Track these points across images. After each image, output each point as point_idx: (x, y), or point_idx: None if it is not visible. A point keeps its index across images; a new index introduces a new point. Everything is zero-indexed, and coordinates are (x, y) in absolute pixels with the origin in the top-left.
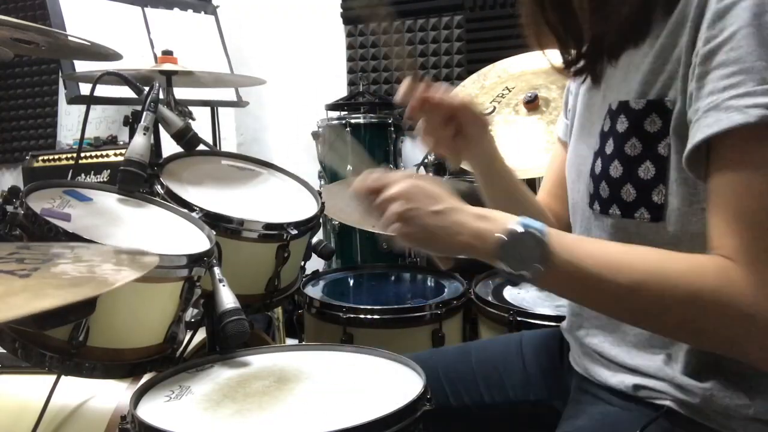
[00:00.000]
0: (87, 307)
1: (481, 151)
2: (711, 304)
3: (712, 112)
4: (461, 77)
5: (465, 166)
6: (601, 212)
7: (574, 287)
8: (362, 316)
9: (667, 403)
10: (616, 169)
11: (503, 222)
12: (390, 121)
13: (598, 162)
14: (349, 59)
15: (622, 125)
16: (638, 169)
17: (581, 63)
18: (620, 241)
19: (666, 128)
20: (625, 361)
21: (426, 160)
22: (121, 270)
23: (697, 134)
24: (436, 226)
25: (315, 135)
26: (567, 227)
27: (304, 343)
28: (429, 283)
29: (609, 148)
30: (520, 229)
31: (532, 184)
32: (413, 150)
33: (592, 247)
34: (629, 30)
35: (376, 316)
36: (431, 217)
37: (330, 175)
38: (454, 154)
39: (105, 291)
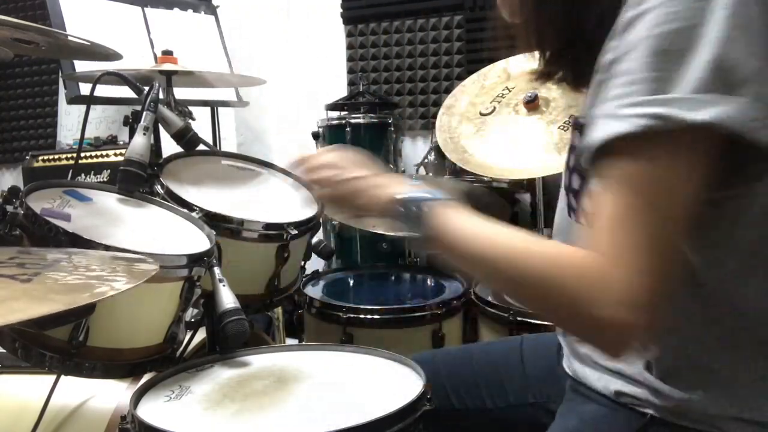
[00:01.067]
0: (87, 308)
1: None
2: (570, 291)
3: (601, 120)
4: (461, 77)
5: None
6: (576, 221)
7: (451, 256)
8: (362, 316)
9: (649, 411)
10: (576, 182)
11: (394, 190)
12: (390, 121)
13: (567, 175)
14: (349, 59)
15: (577, 140)
16: (591, 181)
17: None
18: None
19: None
20: (607, 364)
21: (426, 160)
22: (120, 277)
23: (589, 138)
24: (347, 191)
25: (315, 135)
26: None
27: (304, 343)
28: (429, 283)
29: (571, 162)
30: (405, 196)
31: (532, 184)
32: (413, 150)
33: (474, 218)
34: (580, 72)
35: (376, 316)
36: (344, 182)
37: None
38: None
39: (104, 298)
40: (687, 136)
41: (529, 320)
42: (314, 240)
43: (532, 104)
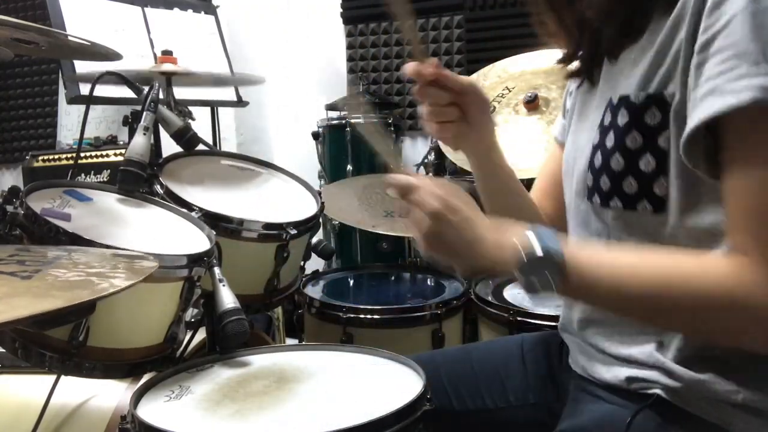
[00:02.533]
0: (87, 307)
1: (481, 138)
2: (726, 304)
3: (709, 97)
4: None
5: (465, 165)
6: (601, 205)
7: (592, 301)
8: (362, 316)
9: (657, 391)
10: (617, 162)
11: (519, 240)
12: (390, 121)
13: (598, 155)
14: (349, 59)
15: (623, 119)
16: (639, 161)
17: (578, 65)
18: (620, 231)
19: (665, 121)
20: (619, 352)
21: (426, 160)
22: (121, 274)
23: (690, 121)
24: (458, 240)
25: (315, 135)
26: (559, 225)
27: (304, 343)
28: (429, 283)
29: (610, 142)
30: (539, 253)
31: (532, 184)
32: (413, 150)
33: (606, 261)
34: (629, 29)
35: (376, 316)
36: (453, 230)
37: (330, 175)
38: (456, 138)
39: (104, 295)
40: None
41: (528, 320)
42: (314, 240)
43: (532, 104)
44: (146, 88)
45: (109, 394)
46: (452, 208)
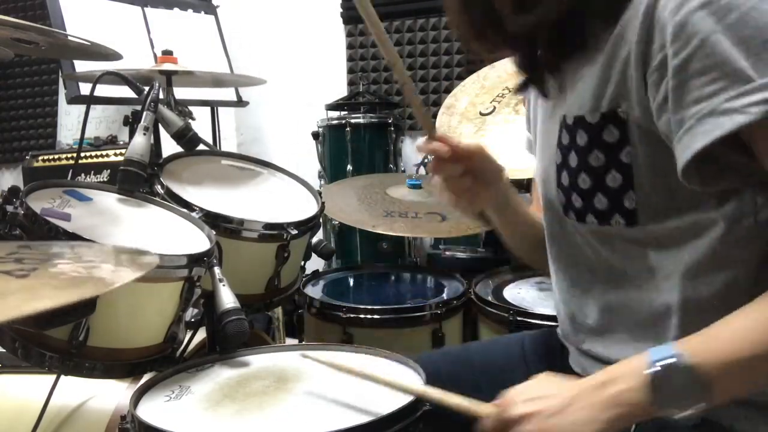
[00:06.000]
0: (87, 307)
1: (497, 192)
2: None
3: (708, 119)
4: (461, 77)
5: None
6: (578, 221)
7: (734, 380)
8: (362, 316)
9: None
10: (584, 181)
11: (637, 374)
12: (390, 121)
13: (564, 174)
14: (349, 59)
15: (581, 139)
16: (605, 178)
17: (524, 79)
18: (600, 244)
19: (625, 137)
20: (618, 359)
21: (426, 160)
22: (120, 270)
23: (694, 142)
24: (566, 423)
25: (315, 135)
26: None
27: (304, 343)
28: (429, 283)
29: (573, 161)
30: (665, 371)
31: (531, 183)
32: (413, 150)
33: (723, 338)
34: (563, 45)
35: (376, 316)
36: (556, 418)
37: (330, 175)
38: (473, 205)
39: (103, 292)
40: None
41: (528, 320)
42: (314, 240)
43: None
44: (147, 88)
45: (109, 394)
46: (543, 404)
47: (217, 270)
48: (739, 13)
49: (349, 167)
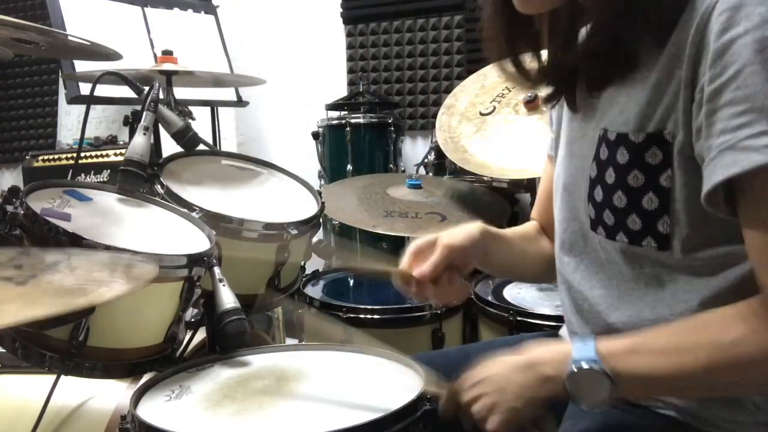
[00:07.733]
0: (86, 308)
1: (477, 259)
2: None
3: (729, 152)
4: (461, 77)
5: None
6: (607, 237)
7: (643, 391)
8: (362, 316)
9: (671, 413)
10: (620, 200)
11: (558, 367)
12: (390, 121)
13: (598, 190)
14: (349, 59)
15: (622, 157)
16: (642, 199)
17: (553, 92)
18: (630, 263)
19: (667, 160)
20: None
21: (426, 160)
22: (117, 281)
23: (714, 174)
24: (504, 402)
25: (315, 135)
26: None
27: (304, 343)
28: None
29: (610, 178)
30: (584, 367)
31: (532, 184)
32: (413, 150)
33: (643, 349)
34: (614, 69)
35: (376, 316)
36: (494, 397)
37: (330, 174)
38: (463, 290)
39: (99, 302)
40: None
41: (529, 320)
42: (314, 240)
43: (532, 104)
44: (146, 88)
45: (109, 394)
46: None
47: (217, 270)
48: None
49: (349, 167)
